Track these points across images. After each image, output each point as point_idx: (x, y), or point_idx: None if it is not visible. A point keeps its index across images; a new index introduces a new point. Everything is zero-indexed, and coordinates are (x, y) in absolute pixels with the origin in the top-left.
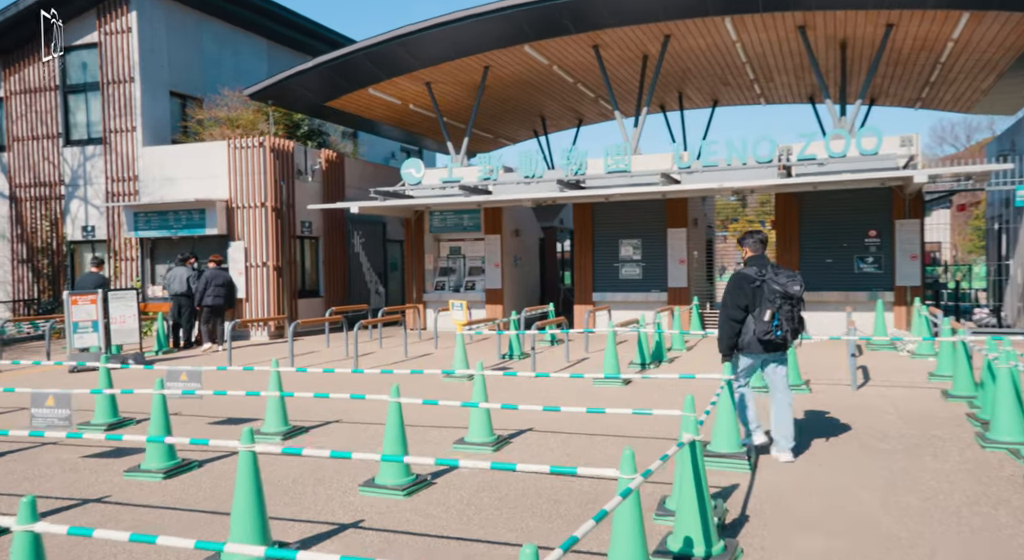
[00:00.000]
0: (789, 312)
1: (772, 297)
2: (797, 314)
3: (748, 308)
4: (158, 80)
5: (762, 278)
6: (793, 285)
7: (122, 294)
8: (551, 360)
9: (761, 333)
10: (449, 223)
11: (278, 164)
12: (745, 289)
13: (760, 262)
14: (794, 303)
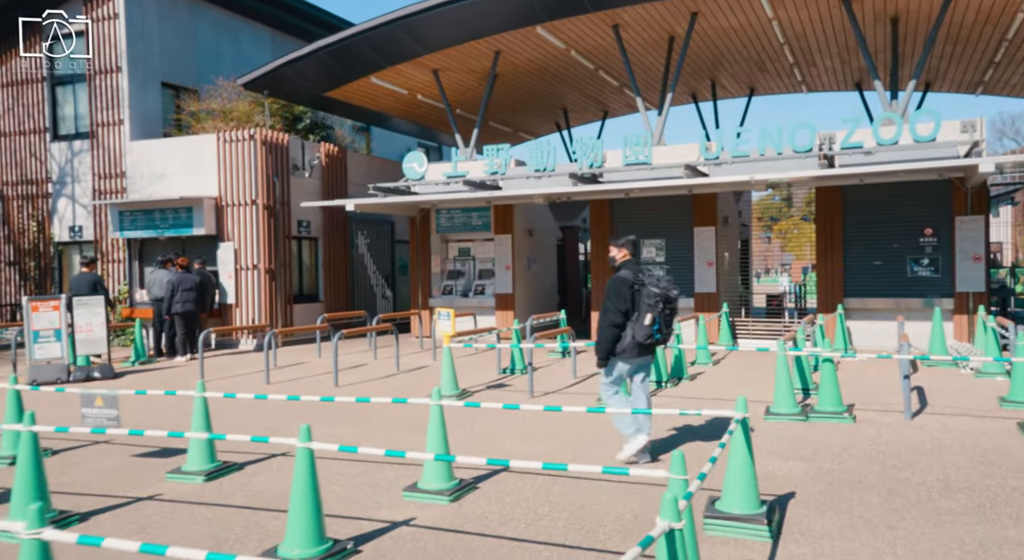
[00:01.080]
0: (668, 316)
1: (652, 301)
2: (673, 318)
3: (628, 313)
4: (148, 70)
5: (640, 282)
6: (672, 289)
7: (87, 299)
8: (556, 376)
9: (643, 337)
10: (457, 222)
11: (271, 159)
12: (625, 294)
13: (634, 266)
14: (672, 307)
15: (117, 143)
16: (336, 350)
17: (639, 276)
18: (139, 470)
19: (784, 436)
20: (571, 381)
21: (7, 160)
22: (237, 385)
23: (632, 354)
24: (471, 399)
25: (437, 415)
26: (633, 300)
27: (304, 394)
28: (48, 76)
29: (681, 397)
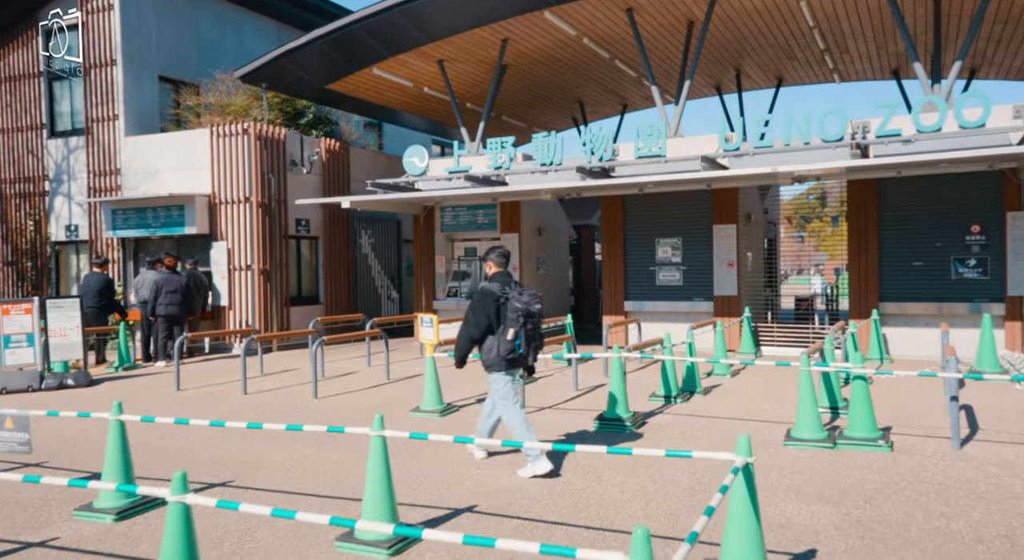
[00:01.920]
0: (532, 331)
1: (515, 315)
2: (538, 333)
3: (491, 326)
4: (145, 63)
5: (505, 296)
6: (535, 303)
7: (62, 302)
8: (556, 388)
9: (505, 352)
10: (462, 220)
11: (266, 154)
12: (488, 307)
13: (504, 279)
14: (536, 322)
15: (111, 139)
16: (315, 358)
17: (504, 290)
18: (50, 504)
19: (806, 469)
20: (572, 393)
21: (4, 158)
22: (212, 394)
23: (500, 368)
24: (454, 416)
25: (378, 453)
26: (498, 314)
27: (282, 405)
28: (44, 71)
29: (690, 415)
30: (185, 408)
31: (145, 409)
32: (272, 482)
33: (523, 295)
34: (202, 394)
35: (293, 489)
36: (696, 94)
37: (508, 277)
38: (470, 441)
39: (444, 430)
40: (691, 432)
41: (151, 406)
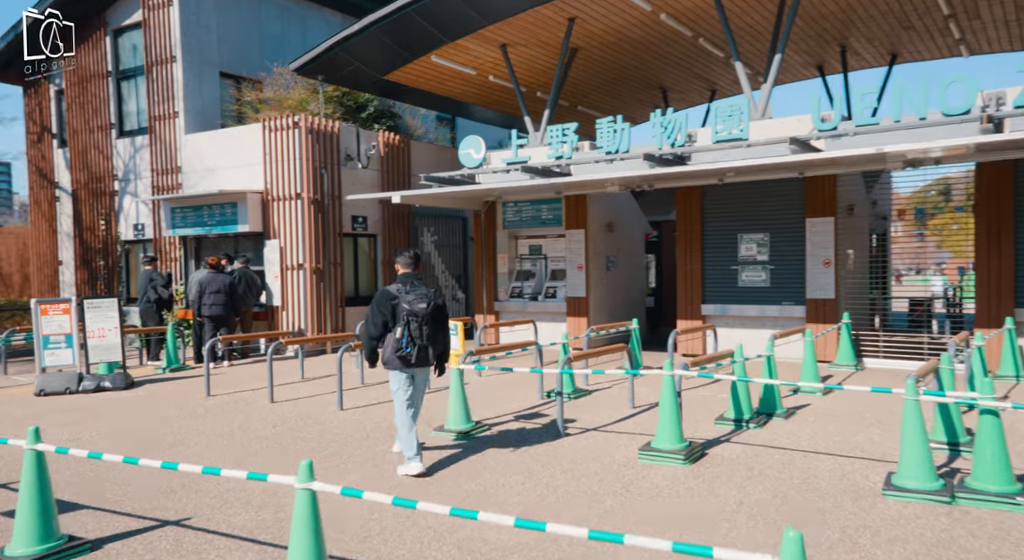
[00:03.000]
0: (417, 330)
1: (403, 315)
2: (427, 332)
3: (387, 324)
4: (205, 59)
5: (398, 296)
6: (418, 303)
7: (99, 302)
8: (611, 403)
9: (393, 350)
10: (525, 216)
11: (318, 148)
12: (384, 306)
13: (406, 279)
14: (421, 320)
15: (172, 137)
16: (340, 365)
17: (400, 290)
18: None
19: (910, 535)
20: (627, 411)
21: (78, 158)
22: (239, 402)
23: (394, 365)
24: (483, 435)
25: (304, 511)
26: (394, 313)
27: (301, 417)
28: (113, 71)
29: (764, 446)
30: (201, 418)
31: (162, 416)
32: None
33: (410, 295)
34: (229, 401)
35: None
36: (794, 75)
37: (410, 278)
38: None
39: (455, 458)
40: (761, 469)
41: (169, 414)
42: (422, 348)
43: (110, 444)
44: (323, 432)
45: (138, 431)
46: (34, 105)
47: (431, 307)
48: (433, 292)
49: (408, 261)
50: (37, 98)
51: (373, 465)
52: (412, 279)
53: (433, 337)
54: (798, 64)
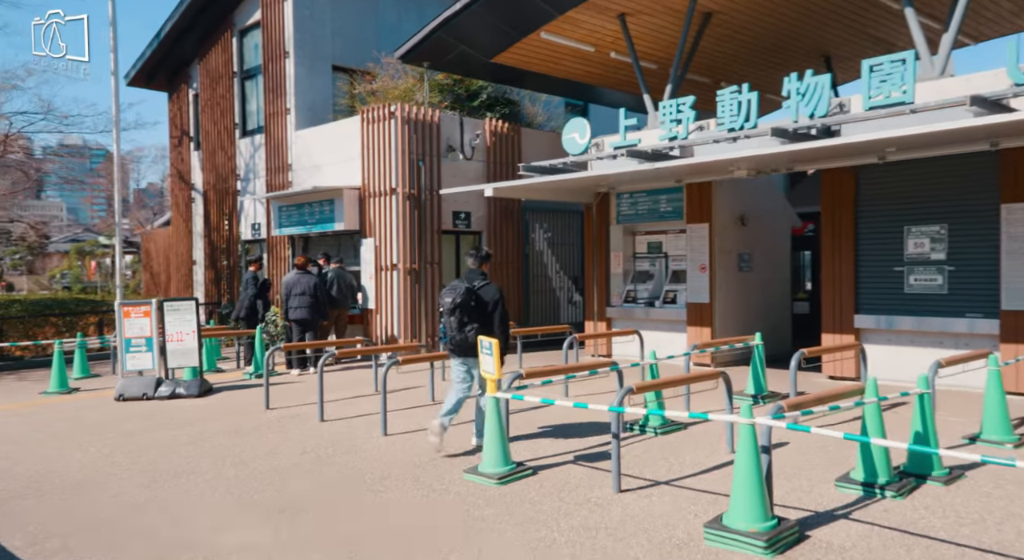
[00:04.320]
0: (446, 321)
1: (442, 308)
2: (454, 323)
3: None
4: (318, 53)
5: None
6: (444, 297)
7: (179, 304)
8: (705, 445)
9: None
10: (642, 209)
11: (416, 139)
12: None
13: (468, 276)
14: (447, 312)
15: (283, 134)
16: (384, 385)
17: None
18: None
19: None
20: (722, 458)
21: (208, 159)
22: (291, 418)
23: (448, 353)
24: (521, 480)
25: None
26: None
27: (339, 441)
28: (238, 71)
29: (902, 531)
30: (237, 438)
31: (204, 433)
32: None
33: (444, 289)
34: (281, 417)
35: None
36: (1004, 27)
37: (471, 273)
38: None
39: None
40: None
41: (213, 430)
42: (452, 338)
43: (123, 465)
44: (346, 465)
45: (165, 451)
46: (176, 110)
47: (457, 299)
48: (478, 286)
49: (470, 259)
50: (178, 103)
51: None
52: (470, 274)
53: (462, 328)
54: (1008, 11)
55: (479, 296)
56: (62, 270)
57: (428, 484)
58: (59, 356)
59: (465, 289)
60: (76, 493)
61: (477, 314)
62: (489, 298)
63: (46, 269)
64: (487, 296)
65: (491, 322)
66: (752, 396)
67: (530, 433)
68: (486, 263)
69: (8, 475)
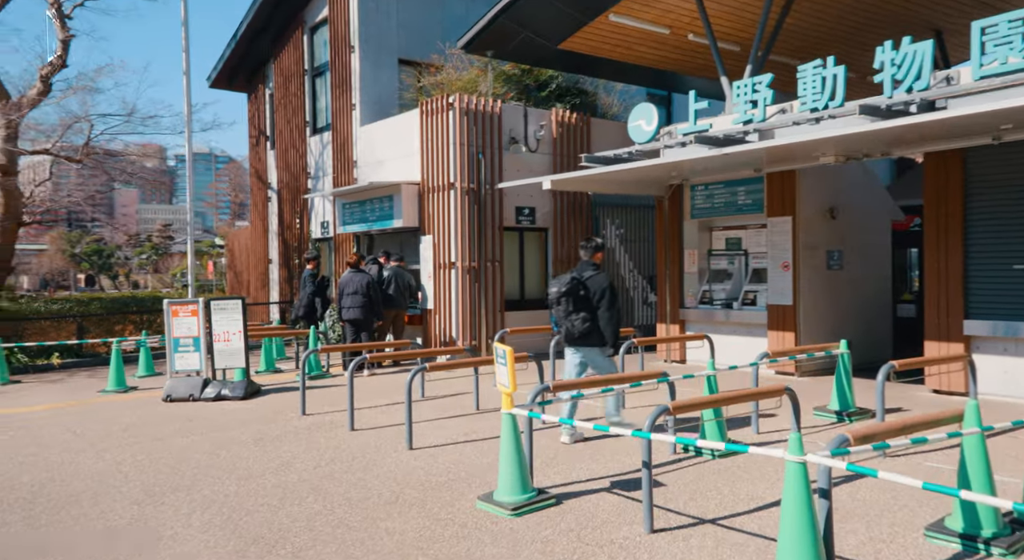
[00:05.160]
0: (556, 310)
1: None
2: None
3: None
4: (384, 47)
5: None
6: (551, 288)
7: (225, 303)
8: (765, 473)
9: None
10: (718, 202)
11: (475, 131)
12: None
13: (580, 267)
14: (553, 302)
15: (349, 130)
16: (410, 392)
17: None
18: None
19: None
20: (772, 498)
21: (281, 157)
22: (321, 426)
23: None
24: (540, 511)
25: None
26: None
27: (362, 454)
28: (309, 69)
29: None
30: (259, 447)
31: (231, 440)
32: None
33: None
34: (312, 424)
35: None
36: None
37: (582, 265)
38: None
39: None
40: None
41: (241, 437)
42: (560, 326)
43: (129, 475)
44: (356, 484)
45: (179, 460)
46: (254, 110)
47: (563, 288)
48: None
49: (582, 249)
50: (256, 103)
51: None
52: (581, 265)
53: (568, 316)
54: None
55: (586, 286)
56: (181, 269)
57: (434, 513)
58: (117, 355)
59: (571, 278)
60: (65, 508)
61: (584, 304)
62: (596, 288)
63: (169, 268)
64: (594, 286)
65: (590, 307)
66: (836, 413)
67: (566, 451)
68: (598, 253)
69: (11, 484)
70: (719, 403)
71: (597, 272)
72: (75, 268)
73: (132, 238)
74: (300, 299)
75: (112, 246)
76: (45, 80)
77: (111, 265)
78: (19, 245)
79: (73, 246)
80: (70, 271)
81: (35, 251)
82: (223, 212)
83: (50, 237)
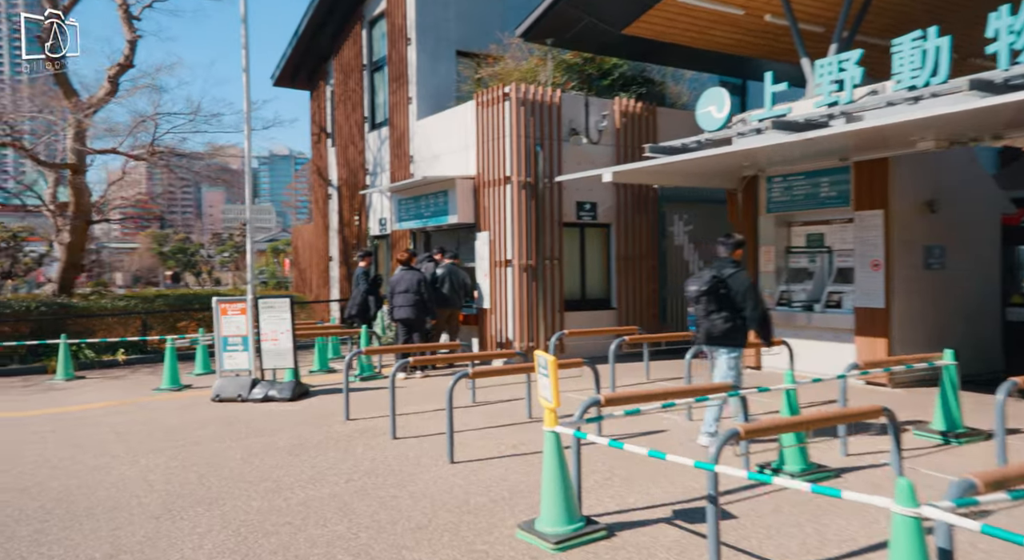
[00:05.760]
0: (696, 309)
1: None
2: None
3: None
4: (441, 38)
5: None
6: (689, 286)
7: (274, 302)
8: (866, 505)
9: None
10: (797, 194)
11: (532, 122)
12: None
13: (718, 264)
14: (692, 300)
15: (405, 125)
16: (450, 402)
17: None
18: None
19: None
20: (883, 534)
21: (341, 154)
22: (363, 433)
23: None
24: (588, 547)
25: None
26: None
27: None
28: (367, 63)
29: None
30: (293, 456)
31: (267, 447)
32: None
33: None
34: (355, 431)
35: None
36: None
37: (720, 261)
38: None
39: None
40: None
41: (277, 444)
42: (699, 326)
43: (155, 485)
44: (386, 503)
45: (210, 469)
46: (315, 107)
47: (703, 287)
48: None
49: (721, 245)
50: (317, 100)
51: None
52: (719, 262)
53: (708, 315)
54: None
55: (727, 284)
56: (260, 267)
57: (468, 541)
58: (171, 353)
59: (711, 277)
60: (78, 522)
61: (725, 303)
62: (739, 287)
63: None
64: (736, 285)
65: (742, 311)
66: (941, 434)
67: (622, 471)
68: (738, 250)
69: (38, 490)
70: (800, 426)
71: (738, 269)
72: (163, 266)
73: (215, 237)
74: (353, 297)
75: (196, 244)
76: (113, 80)
77: (195, 263)
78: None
79: (161, 245)
80: (159, 269)
81: (128, 249)
82: (301, 212)
83: (141, 236)
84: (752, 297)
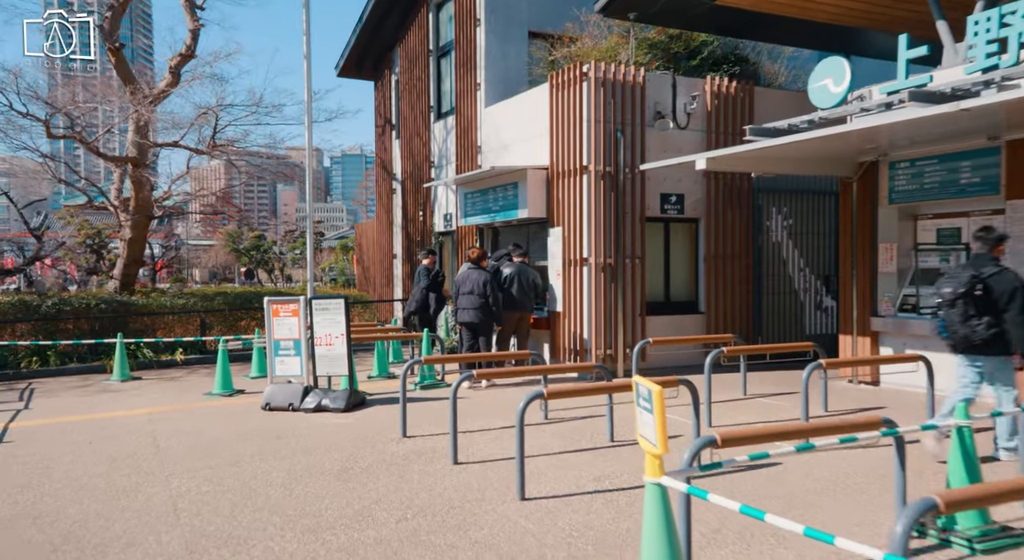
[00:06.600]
0: (949, 314)
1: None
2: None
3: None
4: (512, 19)
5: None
6: (943, 287)
7: (328, 303)
8: None
9: None
10: (929, 181)
11: (613, 105)
12: None
13: (975, 261)
14: (949, 305)
15: (473, 112)
16: (521, 430)
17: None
18: None
19: None
20: None
21: (405, 146)
22: (420, 455)
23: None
24: None
25: None
26: None
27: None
28: (434, 49)
29: None
30: (342, 482)
31: (313, 469)
32: None
33: (942, 279)
34: (411, 452)
35: None
36: None
37: (978, 259)
38: None
39: None
40: None
41: (325, 466)
42: (954, 333)
43: (183, 515)
44: (442, 554)
45: (246, 495)
46: (380, 98)
47: (960, 289)
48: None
49: (978, 240)
50: (382, 90)
51: None
52: (977, 260)
53: (967, 321)
54: None
55: (987, 285)
56: (329, 264)
57: None
58: (223, 356)
59: (969, 276)
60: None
61: (986, 306)
62: (1003, 288)
63: (318, 264)
64: (999, 285)
65: (1006, 315)
66: None
67: (734, 523)
68: (999, 246)
69: (54, 517)
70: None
71: (1000, 268)
72: (237, 263)
73: (288, 234)
74: (413, 294)
75: (269, 242)
76: (174, 71)
77: (268, 260)
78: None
79: (236, 242)
80: (235, 265)
81: (206, 246)
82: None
83: (218, 234)
84: (1020, 300)
